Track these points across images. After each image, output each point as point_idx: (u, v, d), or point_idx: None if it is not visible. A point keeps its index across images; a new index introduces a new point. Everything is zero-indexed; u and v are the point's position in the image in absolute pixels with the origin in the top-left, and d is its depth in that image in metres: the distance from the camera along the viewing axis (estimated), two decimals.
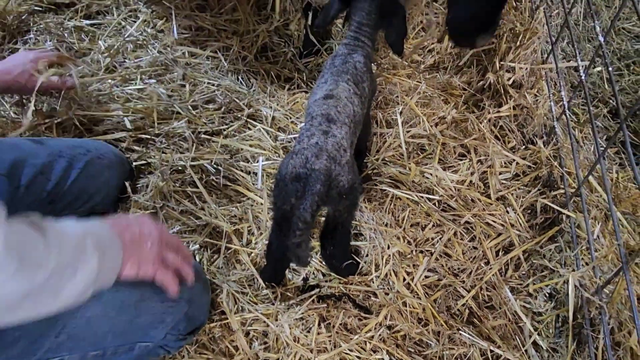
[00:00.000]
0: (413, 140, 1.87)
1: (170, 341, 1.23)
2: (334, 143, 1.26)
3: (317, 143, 1.24)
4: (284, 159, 1.29)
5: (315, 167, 1.21)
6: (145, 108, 1.84)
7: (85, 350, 1.11)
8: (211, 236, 1.60)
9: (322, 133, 1.26)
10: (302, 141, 1.26)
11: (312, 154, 1.23)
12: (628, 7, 2.55)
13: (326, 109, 1.31)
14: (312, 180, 1.20)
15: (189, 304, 1.24)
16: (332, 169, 1.23)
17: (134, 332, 1.16)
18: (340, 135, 1.29)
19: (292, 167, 1.23)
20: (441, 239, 1.62)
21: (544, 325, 1.47)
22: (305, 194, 1.20)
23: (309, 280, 1.54)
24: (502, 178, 1.81)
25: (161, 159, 1.71)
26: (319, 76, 1.46)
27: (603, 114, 2.18)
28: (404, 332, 1.42)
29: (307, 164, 1.22)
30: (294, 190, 1.23)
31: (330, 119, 1.30)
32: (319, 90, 1.39)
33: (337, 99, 1.34)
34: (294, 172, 1.23)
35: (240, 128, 1.89)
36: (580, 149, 1.89)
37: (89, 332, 1.11)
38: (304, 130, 1.30)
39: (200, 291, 1.30)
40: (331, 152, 1.24)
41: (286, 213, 1.29)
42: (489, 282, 1.55)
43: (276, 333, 1.39)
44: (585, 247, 1.52)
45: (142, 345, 1.18)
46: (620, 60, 2.42)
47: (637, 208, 1.70)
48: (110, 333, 1.13)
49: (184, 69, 2.04)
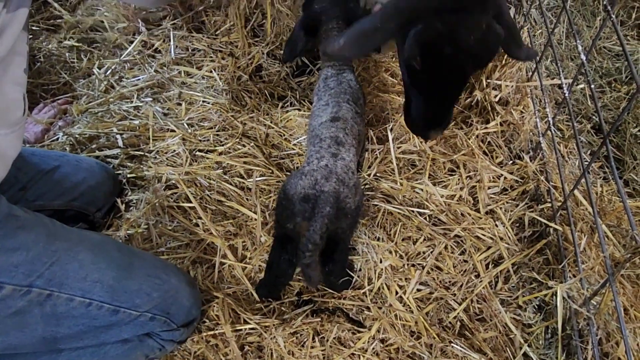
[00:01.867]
0: (404, 156, 1.91)
1: (160, 328, 1.24)
2: (343, 166, 1.30)
3: (326, 165, 1.28)
4: (291, 179, 1.31)
5: (325, 189, 1.24)
6: (140, 125, 1.87)
7: (73, 292, 1.15)
8: (205, 252, 1.61)
9: (332, 155, 1.30)
10: (312, 163, 1.29)
11: (321, 175, 1.26)
12: (608, 26, 2.64)
13: (334, 131, 1.36)
14: (322, 202, 1.23)
15: (176, 289, 1.28)
16: (341, 191, 1.26)
17: (120, 293, 1.19)
18: (349, 158, 1.34)
19: (301, 188, 1.26)
20: (432, 253, 1.65)
21: (534, 336, 1.49)
22: (315, 215, 1.23)
23: (303, 295, 1.56)
24: (491, 192, 1.85)
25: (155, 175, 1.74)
26: (315, 98, 1.49)
27: (587, 129, 2.24)
28: (397, 345, 1.44)
29: (317, 186, 1.25)
30: (302, 211, 1.26)
31: (339, 142, 1.34)
32: (323, 113, 1.41)
33: (344, 121, 1.39)
34: (303, 193, 1.26)
35: (234, 145, 1.93)
36: (566, 164, 1.94)
37: (79, 273, 1.16)
38: (313, 152, 1.33)
39: (187, 283, 1.34)
40: (340, 174, 1.28)
41: (290, 232, 1.33)
42: (480, 294, 1.57)
43: (271, 347, 1.40)
44: (573, 259, 1.56)
45: (126, 311, 1.20)
46: (602, 77, 2.50)
47: (621, 220, 1.74)
48: (98, 283, 1.17)
49: (180, 88, 2.08)
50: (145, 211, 1.64)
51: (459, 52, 1.23)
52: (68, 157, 1.63)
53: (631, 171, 2.11)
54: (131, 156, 1.85)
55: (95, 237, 1.30)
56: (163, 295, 1.25)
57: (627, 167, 2.13)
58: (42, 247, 1.13)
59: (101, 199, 1.63)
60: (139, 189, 1.76)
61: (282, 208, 1.32)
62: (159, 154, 1.84)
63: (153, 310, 1.23)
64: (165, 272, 1.31)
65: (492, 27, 1.24)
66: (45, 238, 1.15)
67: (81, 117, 1.96)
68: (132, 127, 1.88)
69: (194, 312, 1.35)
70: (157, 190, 1.68)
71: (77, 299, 1.15)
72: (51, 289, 1.13)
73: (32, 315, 1.13)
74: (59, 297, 1.14)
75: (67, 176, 1.56)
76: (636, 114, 2.28)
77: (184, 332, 1.33)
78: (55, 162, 1.56)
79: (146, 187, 1.75)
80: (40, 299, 1.12)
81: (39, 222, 1.18)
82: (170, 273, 1.31)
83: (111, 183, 1.69)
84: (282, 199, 1.32)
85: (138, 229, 1.62)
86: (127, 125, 1.88)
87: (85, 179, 1.59)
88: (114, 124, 1.89)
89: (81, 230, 1.31)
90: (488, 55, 1.31)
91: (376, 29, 1.26)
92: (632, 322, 1.47)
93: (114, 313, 1.20)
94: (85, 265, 1.17)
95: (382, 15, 1.28)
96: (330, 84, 1.48)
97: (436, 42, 1.22)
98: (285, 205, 1.30)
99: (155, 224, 1.64)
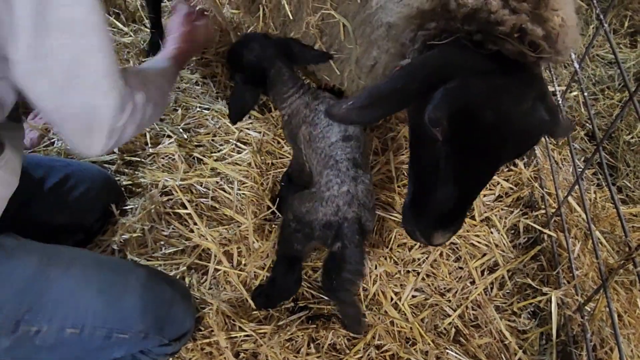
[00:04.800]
0: (401, 166, 1.92)
1: (153, 345, 1.23)
2: (364, 189, 1.28)
3: (348, 191, 1.26)
4: (307, 203, 1.29)
5: (348, 217, 1.24)
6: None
7: (63, 323, 1.12)
8: (200, 257, 1.61)
9: (352, 180, 1.28)
10: (332, 188, 1.27)
11: (344, 202, 1.25)
12: (601, 35, 2.67)
13: (350, 152, 1.32)
14: (349, 232, 1.23)
15: (170, 304, 1.26)
16: (362, 215, 1.26)
17: (112, 317, 1.17)
18: (368, 180, 1.31)
19: (322, 215, 1.25)
20: (427, 259, 1.65)
21: (529, 342, 1.49)
22: (348, 248, 1.23)
23: (299, 301, 1.56)
24: (486, 200, 1.86)
25: (151, 182, 1.74)
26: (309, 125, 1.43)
27: (580, 136, 2.26)
28: (392, 352, 1.43)
29: (339, 212, 1.24)
30: (323, 237, 1.26)
31: (356, 164, 1.31)
32: (329, 133, 1.37)
33: (357, 140, 1.36)
34: (324, 220, 1.25)
35: (229, 152, 1.93)
36: (560, 170, 1.95)
37: (70, 302, 1.13)
38: (332, 176, 1.29)
39: (181, 297, 1.32)
40: (362, 199, 1.27)
41: (297, 253, 1.34)
42: (475, 301, 1.58)
43: (266, 354, 1.40)
44: (567, 265, 1.56)
45: (119, 335, 1.18)
46: (595, 85, 2.52)
47: (615, 227, 1.75)
48: (90, 310, 1.15)
49: (176, 93, 2.08)
50: (140, 217, 1.64)
51: (502, 123, 0.95)
52: (72, 166, 1.59)
53: (624, 178, 2.13)
54: (127, 162, 1.85)
55: (89, 257, 1.28)
56: (156, 313, 1.23)
57: (620, 174, 2.15)
58: (31, 276, 1.10)
59: (101, 209, 1.62)
60: (135, 197, 1.75)
61: (293, 230, 1.30)
62: (155, 160, 1.84)
63: (146, 329, 1.22)
64: (160, 287, 1.28)
65: (539, 107, 0.98)
66: (35, 266, 1.12)
67: None
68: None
69: (187, 324, 1.33)
70: (153, 196, 1.67)
71: (68, 330, 1.13)
72: (40, 325, 1.10)
73: (22, 349, 1.10)
74: (49, 330, 1.11)
75: (70, 190, 1.53)
76: (629, 121, 2.30)
77: (177, 345, 1.32)
78: (60, 172, 1.52)
79: (142, 193, 1.74)
80: (29, 335, 1.09)
81: (30, 250, 1.16)
82: (165, 288, 1.29)
83: (113, 193, 1.68)
84: (291, 220, 1.30)
85: (133, 234, 1.61)
86: None
87: (88, 190, 1.57)
88: None
89: (74, 251, 1.28)
90: (532, 137, 1.03)
91: (395, 91, 1.00)
92: (626, 328, 1.48)
93: (107, 337, 1.18)
94: (76, 291, 1.15)
95: (404, 73, 1.03)
96: (321, 107, 1.44)
97: (474, 104, 0.95)
98: (297, 228, 1.29)
99: (151, 229, 1.63)
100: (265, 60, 1.46)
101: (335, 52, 1.44)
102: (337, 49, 1.43)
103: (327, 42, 1.45)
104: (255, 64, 1.46)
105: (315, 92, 1.50)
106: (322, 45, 1.45)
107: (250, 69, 1.46)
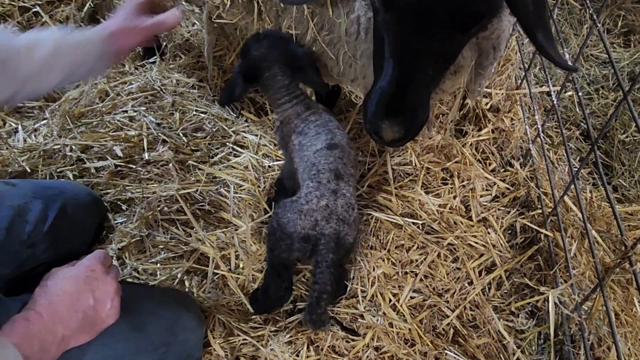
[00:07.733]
0: (398, 168, 1.92)
1: None
2: (344, 204, 1.27)
3: (327, 205, 1.25)
4: (287, 212, 1.28)
5: (325, 232, 1.24)
6: (135, 136, 1.88)
7: None
8: (199, 262, 1.61)
9: (332, 193, 1.27)
10: (311, 201, 1.26)
11: (322, 217, 1.24)
12: (595, 35, 2.69)
13: (333, 162, 1.31)
14: (324, 248, 1.23)
15: (183, 344, 1.25)
16: (341, 230, 1.26)
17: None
18: (349, 193, 1.30)
19: (300, 228, 1.25)
20: (425, 260, 1.66)
21: (527, 342, 1.50)
22: (320, 266, 1.23)
23: (297, 303, 1.56)
24: (483, 200, 1.87)
25: (144, 190, 1.73)
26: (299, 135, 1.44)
27: (575, 136, 2.28)
28: (391, 354, 1.44)
29: (317, 227, 1.24)
30: (301, 249, 1.27)
31: (338, 175, 1.30)
32: (316, 141, 1.37)
33: (341, 149, 1.35)
34: (303, 234, 1.25)
35: (226, 155, 1.93)
36: (555, 170, 1.96)
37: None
38: (312, 189, 1.29)
39: (194, 327, 1.31)
40: (341, 214, 1.26)
41: (284, 261, 1.35)
42: (473, 301, 1.58)
43: (266, 356, 1.40)
44: (563, 264, 1.57)
45: None
46: (589, 85, 2.54)
47: (611, 226, 1.76)
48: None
49: (173, 97, 2.08)
50: (138, 224, 1.64)
51: None
52: (66, 193, 1.52)
53: (620, 177, 2.14)
54: (125, 167, 1.85)
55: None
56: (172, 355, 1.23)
57: (615, 173, 2.16)
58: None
59: (91, 237, 1.60)
60: (132, 204, 1.75)
61: (277, 239, 1.30)
62: (153, 166, 1.84)
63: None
64: (178, 323, 1.25)
65: None
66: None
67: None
68: (127, 138, 1.88)
69: (197, 354, 1.33)
70: (151, 203, 1.68)
71: None
72: None
73: None
74: None
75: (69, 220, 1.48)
76: (624, 121, 2.32)
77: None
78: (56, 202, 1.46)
79: (140, 200, 1.74)
80: None
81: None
82: (184, 324, 1.26)
83: (99, 217, 1.65)
84: (276, 229, 1.30)
85: (131, 239, 1.62)
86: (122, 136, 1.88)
87: (83, 220, 1.54)
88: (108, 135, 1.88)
89: None
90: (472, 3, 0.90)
91: None
92: (623, 326, 1.49)
93: None
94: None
95: None
96: (311, 117, 1.45)
97: None
98: (281, 237, 1.29)
99: (148, 235, 1.64)
100: (265, 61, 1.45)
101: (327, 33, 1.42)
102: (328, 29, 1.42)
103: (318, 22, 1.43)
104: (253, 60, 1.45)
105: (308, 103, 1.49)
106: (314, 27, 1.43)
107: (247, 63, 1.46)
